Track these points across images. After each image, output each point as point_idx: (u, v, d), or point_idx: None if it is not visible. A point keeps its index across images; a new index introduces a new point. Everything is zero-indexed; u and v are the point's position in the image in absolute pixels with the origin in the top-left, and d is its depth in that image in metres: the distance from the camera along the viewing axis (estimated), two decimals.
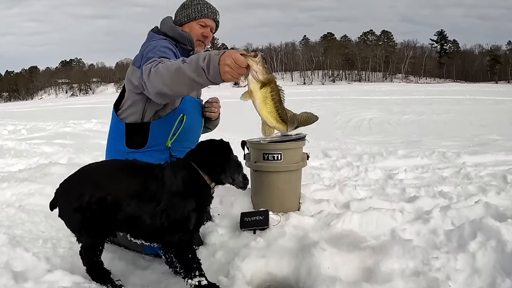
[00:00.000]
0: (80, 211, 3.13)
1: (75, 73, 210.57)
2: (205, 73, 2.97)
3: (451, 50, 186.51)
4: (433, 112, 19.23)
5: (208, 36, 4.23)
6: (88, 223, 3.17)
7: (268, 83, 2.93)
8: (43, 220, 4.94)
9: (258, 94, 2.94)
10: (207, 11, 4.17)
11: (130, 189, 3.15)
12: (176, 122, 3.95)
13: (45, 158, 9.94)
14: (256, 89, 2.93)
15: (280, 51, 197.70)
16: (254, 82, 2.91)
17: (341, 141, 10.52)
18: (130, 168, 3.32)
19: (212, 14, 4.21)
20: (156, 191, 3.16)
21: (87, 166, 3.43)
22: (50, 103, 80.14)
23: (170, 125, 3.94)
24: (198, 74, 3.01)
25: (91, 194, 3.11)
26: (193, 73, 3.03)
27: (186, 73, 3.06)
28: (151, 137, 3.97)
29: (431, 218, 4.17)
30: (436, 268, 3.29)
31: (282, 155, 4.44)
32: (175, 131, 3.95)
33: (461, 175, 6.71)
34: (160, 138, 3.97)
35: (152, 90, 3.36)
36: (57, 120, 23.56)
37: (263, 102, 2.99)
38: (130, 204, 3.12)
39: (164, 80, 3.22)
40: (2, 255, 3.71)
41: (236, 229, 4.20)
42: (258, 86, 2.91)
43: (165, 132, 3.96)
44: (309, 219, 4.29)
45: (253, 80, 2.90)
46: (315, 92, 54.31)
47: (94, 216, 3.12)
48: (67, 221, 3.33)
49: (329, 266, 3.38)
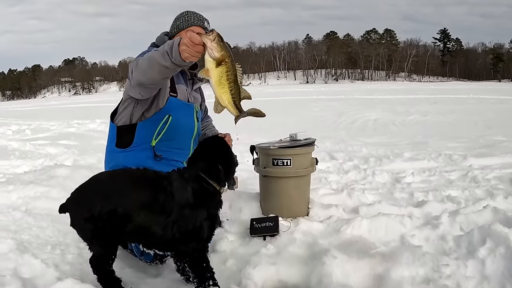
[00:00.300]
0: (91, 222, 3.13)
1: (78, 71, 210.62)
2: (169, 56, 3.14)
3: (454, 48, 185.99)
4: (438, 112, 19.18)
5: None
6: (99, 233, 3.17)
7: (224, 62, 2.92)
8: (50, 224, 4.89)
9: (214, 72, 2.93)
10: (194, 20, 4.29)
11: (140, 200, 3.17)
12: (161, 122, 4.03)
13: (50, 159, 9.88)
14: (211, 67, 2.92)
15: (283, 50, 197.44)
16: (210, 60, 2.91)
17: (347, 143, 10.49)
18: (141, 178, 3.33)
19: (199, 22, 4.30)
20: (166, 202, 3.18)
21: (98, 176, 3.45)
22: (53, 101, 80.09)
23: (156, 125, 4.04)
24: (164, 58, 3.18)
25: (102, 205, 3.11)
26: (160, 58, 3.21)
27: (156, 59, 3.26)
28: (136, 136, 4.09)
29: (440, 224, 4.16)
30: (446, 275, 3.28)
31: (291, 160, 4.44)
32: (159, 131, 4.04)
33: (468, 178, 6.70)
34: (145, 137, 4.07)
35: (134, 82, 3.67)
36: (61, 120, 23.51)
37: (218, 82, 2.97)
38: (141, 215, 3.13)
39: (142, 70, 3.48)
40: (9, 261, 3.69)
41: (246, 235, 4.20)
42: (214, 64, 2.91)
43: (150, 132, 4.06)
44: (319, 224, 4.30)
45: (209, 58, 2.91)
46: (319, 91, 54.17)
47: (106, 226, 3.13)
48: (79, 231, 3.33)
49: (340, 273, 3.37)
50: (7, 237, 4.16)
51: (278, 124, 15.90)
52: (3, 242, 4.01)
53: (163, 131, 4.03)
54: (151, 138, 4.05)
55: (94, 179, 3.39)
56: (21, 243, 4.14)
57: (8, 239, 4.08)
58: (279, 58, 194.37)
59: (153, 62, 3.30)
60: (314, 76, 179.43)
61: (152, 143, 4.04)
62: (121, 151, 4.15)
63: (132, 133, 4.10)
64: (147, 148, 4.05)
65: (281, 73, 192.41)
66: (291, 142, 4.68)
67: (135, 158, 3.99)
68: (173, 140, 4.12)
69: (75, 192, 3.33)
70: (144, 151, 4.06)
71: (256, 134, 12.82)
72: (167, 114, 4.03)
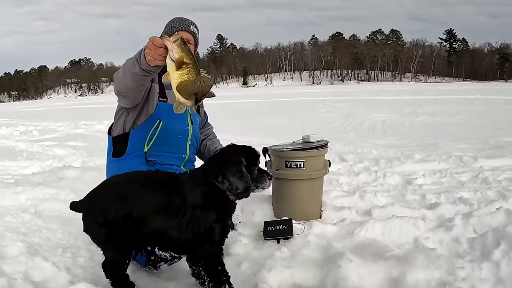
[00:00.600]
0: (106, 226, 3.13)
1: (84, 72, 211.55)
2: (138, 62, 3.21)
3: (460, 48, 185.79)
4: (446, 113, 19.10)
5: None
6: (114, 238, 3.16)
7: (185, 65, 2.82)
8: (60, 227, 4.90)
9: (174, 75, 2.83)
10: (179, 25, 4.30)
11: (155, 202, 3.16)
12: (152, 128, 4.05)
13: (58, 161, 9.95)
14: (171, 70, 2.84)
15: (289, 51, 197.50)
16: (170, 63, 2.85)
17: (357, 145, 10.46)
18: (153, 181, 3.33)
19: (185, 26, 4.31)
20: (180, 203, 3.17)
21: (110, 179, 3.45)
22: (59, 102, 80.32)
23: (147, 131, 4.06)
24: (134, 65, 3.26)
25: (117, 209, 3.11)
26: (131, 65, 3.30)
27: (127, 67, 3.37)
28: (130, 144, 4.12)
29: (453, 226, 4.14)
30: (461, 278, 3.27)
31: (304, 162, 4.43)
32: (151, 137, 4.05)
33: (479, 179, 6.67)
34: (138, 144, 4.09)
35: (115, 92, 3.81)
36: (68, 121, 23.57)
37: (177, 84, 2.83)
38: (156, 217, 3.12)
39: (118, 79, 3.61)
40: (20, 264, 3.67)
41: (260, 238, 4.19)
42: (174, 67, 2.82)
43: (142, 138, 4.08)
44: (332, 227, 4.28)
45: (169, 61, 2.86)
46: (325, 92, 54.10)
47: (120, 230, 3.12)
48: (93, 236, 3.32)
49: (355, 277, 3.36)
50: (17, 239, 4.16)
51: (286, 126, 15.93)
52: (13, 244, 4.00)
53: (155, 136, 4.05)
54: (144, 145, 4.07)
55: (107, 182, 3.39)
56: (31, 245, 4.14)
57: (18, 242, 4.07)
58: (285, 59, 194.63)
59: (126, 70, 3.40)
60: (320, 77, 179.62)
61: (145, 149, 4.06)
62: (115, 160, 4.19)
63: (126, 142, 4.14)
64: (140, 155, 4.07)
65: (287, 74, 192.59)
66: (304, 144, 4.66)
67: (128, 166, 3.99)
68: (165, 144, 4.12)
69: (88, 196, 3.32)
70: (136, 158, 4.08)
71: (264, 135, 12.85)
72: (157, 119, 4.05)
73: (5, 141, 15.30)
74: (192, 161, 4.41)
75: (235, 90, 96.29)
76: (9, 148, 13.35)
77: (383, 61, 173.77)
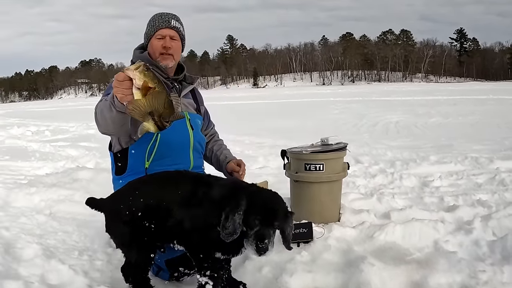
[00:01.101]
0: (131, 224, 3.07)
1: (94, 73, 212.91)
2: (113, 106, 3.03)
3: (470, 48, 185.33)
4: (459, 114, 19.01)
5: (168, 46, 4.04)
6: (139, 235, 3.09)
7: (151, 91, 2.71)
8: (76, 229, 4.88)
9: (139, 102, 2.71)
10: (159, 22, 4.04)
11: (182, 196, 3.08)
12: (151, 142, 3.85)
13: (71, 162, 9.93)
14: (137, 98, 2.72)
15: (299, 52, 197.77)
16: (135, 92, 2.74)
17: (371, 146, 10.40)
18: (179, 178, 3.26)
19: (165, 23, 4.04)
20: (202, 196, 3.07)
21: (136, 180, 3.39)
22: (70, 102, 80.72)
23: (145, 146, 3.87)
24: (110, 109, 3.07)
25: (144, 204, 3.06)
26: (107, 110, 3.12)
27: (104, 112, 3.19)
28: (130, 161, 3.97)
29: (473, 229, 4.13)
30: (483, 282, 3.24)
31: (324, 165, 4.40)
32: (150, 151, 3.87)
33: (496, 181, 6.61)
34: (138, 161, 3.91)
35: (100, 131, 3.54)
36: (79, 121, 23.62)
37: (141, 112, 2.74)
38: (183, 212, 3.04)
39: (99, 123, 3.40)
40: (36, 267, 3.66)
41: (279, 242, 4.15)
42: (140, 95, 2.72)
43: (141, 154, 3.90)
44: (351, 230, 4.26)
45: (134, 89, 2.74)
46: (336, 93, 54.07)
47: (146, 227, 3.06)
48: (117, 236, 3.26)
49: (378, 281, 3.32)
50: (32, 241, 4.16)
51: (299, 127, 15.90)
52: (29, 246, 4.00)
53: (154, 150, 3.86)
54: (144, 160, 3.89)
55: (132, 183, 3.34)
56: (47, 248, 4.13)
57: (33, 244, 4.07)
58: (295, 59, 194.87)
59: (103, 115, 3.22)
60: (330, 78, 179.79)
61: (146, 165, 3.87)
62: (119, 178, 4.05)
63: (126, 159, 3.99)
64: (141, 171, 3.88)
65: (297, 74, 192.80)
66: (323, 146, 4.63)
67: None
68: (167, 157, 3.93)
69: (112, 197, 3.28)
70: (138, 175, 3.82)
71: (277, 136, 12.83)
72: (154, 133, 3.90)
73: (17, 141, 15.35)
74: (198, 167, 4.20)
75: (246, 91, 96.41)
76: (22, 148, 13.37)
77: (393, 62, 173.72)
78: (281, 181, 6.36)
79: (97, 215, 5.28)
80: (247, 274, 3.32)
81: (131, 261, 3.25)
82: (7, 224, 4.84)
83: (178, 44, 4.12)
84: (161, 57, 4.02)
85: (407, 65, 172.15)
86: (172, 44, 4.04)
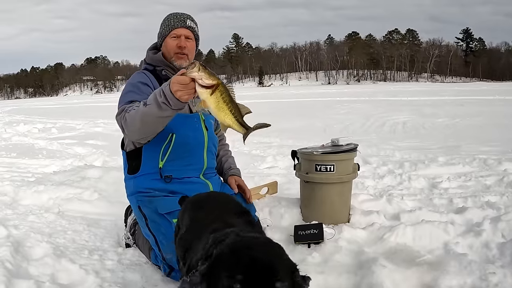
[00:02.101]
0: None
1: (100, 70, 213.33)
2: (169, 106, 3.10)
3: (477, 48, 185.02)
4: (466, 115, 18.90)
5: (183, 45, 4.06)
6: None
7: (215, 86, 2.89)
8: (85, 228, 4.88)
9: (210, 100, 2.91)
10: (174, 22, 4.06)
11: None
12: (165, 143, 3.87)
13: (79, 160, 9.97)
14: (206, 97, 2.90)
15: (305, 51, 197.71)
16: (203, 91, 2.90)
17: (379, 147, 10.35)
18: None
19: (180, 23, 4.08)
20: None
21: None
22: (76, 100, 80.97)
23: (160, 146, 3.89)
24: (163, 109, 3.15)
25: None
26: (158, 111, 3.18)
27: (152, 113, 3.22)
28: (144, 161, 3.98)
29: (482, 231, 4.09)
30: (493, 284, 3.21)
31: (335, 166, 4.39)
32: (164, 152, 3.88)
33: (504, 183, 6.57)
34: (152, 161, 3.93)
35: (130, 139, 3.78)
36: (86, 119, 23.73)
37: (217, 107, 2.95)
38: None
39: (135, 127, 3.44)
40: (47, 266, 3.67)
41: (290, 243, 4.14)
42: (208, 93, 2.89)
43: (155, 154, 3.91)
44: (362, 232, 4.25)
45: (200, 89, 2.90)
46: (341, 92, 53.97)
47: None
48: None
49: (390, 283, 3.31)
50: (42, 240, 4.15)
51: (306, 127, 15.85)
52: (38, 245, 4.02)
53: (169, 151, 3.88)
54: (158, 160, 3.90)
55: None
56: (57, 247, 4.13)
57: (43, 243, 4.08)
58: (300, 58, 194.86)
59: (148, 117, 3.28)
60: (336, 77, 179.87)
61: (160, 165, 3.89)
62: (132, 177, 4.07)
63: (139, 158, 4.00)
64: (155, 172, 3.92)
65: (303, 74, 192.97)
66: (333, 147, 4.62)
67: (143, 183, 3.95)
68: (182, 158, 3.94)
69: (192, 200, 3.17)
70: (151, 175, 3.94)
71: (285, 136, 12.82)
72: (169, 133, 3.85)
73: (24, 138, 15.42)
74: (211, 168, 4.21)
75: (251, 90, 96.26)
76: (28, 146, 13.44)
77: (399, 61, 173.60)
78: (290, 181, 6.37)
79: (106, 214, 5.32)
80: None
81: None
82: (16, 222, 4.89)
83: (192, 44, 4.14)
84: (176, 57, 4.05)
85: (413, 64, 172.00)
86: (187, 44, 4.07)
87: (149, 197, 3.88)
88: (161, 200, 3.80)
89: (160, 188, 3.90)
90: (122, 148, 4.21)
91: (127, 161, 4.13)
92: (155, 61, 4.12)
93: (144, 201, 3.89)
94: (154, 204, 3.79)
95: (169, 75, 3.97)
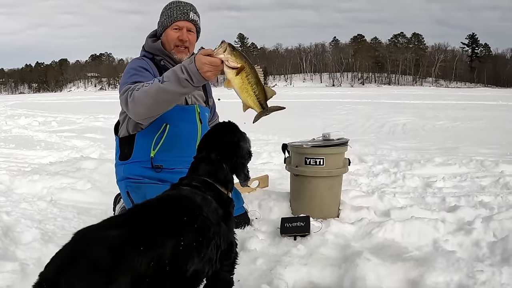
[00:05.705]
0: None
1: (104, 67, 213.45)
2: (190, 82, 3.14)
3: (482, 54, 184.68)
4: (467, 118, 18.90)
5: (185, 39, 4.04)
6: None
7: (243, 68, 3.03)
8: (75, 216, 4.98)
9: (235, 81, 3.05)
10: (177, 14, 4.00)
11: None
12: (158, 132, 3.91)
13: (76, 152, 10.13)
14: (232, 77, 3.03)
15: (310, 52, 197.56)
16: (229, 71, 3.02)
17: (377, 147, 10.38)
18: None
19: (183, 15, 4.02)
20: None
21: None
22: (79, 96, 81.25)
23: (153, 135, 3.92)
24: (183, 86, 3.17)
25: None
26: (177, 87, 3.18)
27: (170, 89, 3.20)
28: (135, 148, 4.01)
29: (473, 230, 4.08)
30: (481, 282, 3.19)
31: (324, 160, 4.38)
32: (157, 141, 3.92)
33: (500, 184, 6.56)
34: (144, 149, 3.97)
35: (136, 117, 3.62)
36: (87, 114, 23.82)
37: (241, 88, 3.09)
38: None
39: (146, 104, 3.37)
40: (34, 250, 3.73)
41: (276, 235, 4.15)
42: (234, 73, 3.02)
43: (148, 143, 3.95)
44: (350, 226, 4.25)
45: (227, 69, 3.02)
46: (345, 94, 54.02)
47: None
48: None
49: (374, 277, 3.30)
50: (31, 226, 4.23)
51: (305, 126, 15.89)
52: (28, 231, 4.08)
53: (161, 141, 3.92)
54: (150, 149, 3.93)
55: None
56: (45, 232, 4.23)
57: (32, 228, 4.15)
58: (305, 60, 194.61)
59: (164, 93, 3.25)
60: (340, 79, 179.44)
61: (151, 154, 3.93)
62: (122, 163, 4.10)
63: (132, 145, 4.02)
64: (146, 160, 3.95)
65: (307, 75, 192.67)
66: (324, 141, 4.61)
67: (133, 170, 3.97)
68: (174, 149, 3.98)
69: None
70: (142, 163, 3.97)
71: (282, 134, 12.83)
72: (163, 123, 3.88)
73: (24, 131, 15.57)
74: None
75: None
76: (28, 138, 13.58)
77: (404, 65, 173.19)
78: (283, 177, 6.38)
79: (97, 203, 5.36)
80: (241, 265, 3.28)
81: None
82: (8, 209, 4.95)
83: (194, 36, 4.15)
84: (176, 49, 4.06)
85: (418, 69, 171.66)
86: (189, 37, 4.07)
87: (138, 183, 3.92)
88: (149, 187, 3.82)
89: (150, 176, 3.94)
90: (116, 133, 4.22)
91: (119, 147, 4.16)
92: (154, 50, 4.11)
93: (133, 187, 3.94)
94: (143, 190, 3.83)
95: (167, 65, 3.99)
